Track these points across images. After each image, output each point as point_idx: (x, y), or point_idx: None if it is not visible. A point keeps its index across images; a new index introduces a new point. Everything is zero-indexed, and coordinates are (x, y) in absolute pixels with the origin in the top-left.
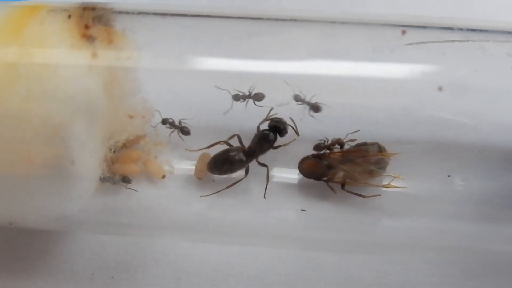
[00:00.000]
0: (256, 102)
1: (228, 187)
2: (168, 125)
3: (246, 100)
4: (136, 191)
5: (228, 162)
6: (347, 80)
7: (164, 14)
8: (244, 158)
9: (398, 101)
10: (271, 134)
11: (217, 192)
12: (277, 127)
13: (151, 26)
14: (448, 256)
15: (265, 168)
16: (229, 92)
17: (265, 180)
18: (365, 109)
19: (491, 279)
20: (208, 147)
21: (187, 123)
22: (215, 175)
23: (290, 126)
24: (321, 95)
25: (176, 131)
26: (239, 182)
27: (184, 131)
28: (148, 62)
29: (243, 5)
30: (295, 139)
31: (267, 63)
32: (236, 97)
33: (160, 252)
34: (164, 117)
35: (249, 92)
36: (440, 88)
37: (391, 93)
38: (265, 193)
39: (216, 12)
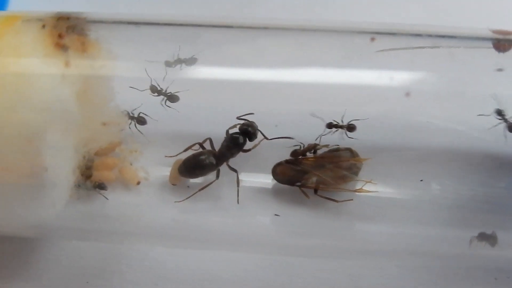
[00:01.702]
0: (168, 102)
1: (200, 190)
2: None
3: (163, 98)
4: (107, 198)
5: (199, 165)
6: (318, 87)
7: (137, 23)
8: (214, 162)
9: (368, 107)
10: (241, 138)
11: (190, 196)
12: (247, 131)
13: (125, 35)
14: (421, 260)
15: (235, 174)
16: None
17: (239, 187)
18: (337, 116)
19: (465, 284)
20: (184, 151)
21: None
22: (190, 181)
23: (260, 131)
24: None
25: (133, 122)
26: (214, 187)
27: (140, 121)
28: (122, 70)
29: (216, 14)
30: (263, 139)
31: (240, 71)
32: (153, 89)
33: (135, 258)
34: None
35: (164, 90)
36: (407, 94)
37: (361, 100)
38: (238, 199)
39: (189, 20)
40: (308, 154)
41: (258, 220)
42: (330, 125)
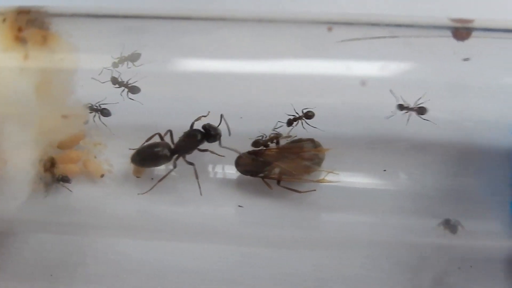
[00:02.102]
0: (130, 94)
1: (159, 181)
2: (88, 110)
3: (123, 88)
4: (71, 191)
5: (152, 156)
6: (276, 78)
7: (98, 16)
8: (168, 154)
9: (326, 97)
10: (199, 136)
11: (151, 188)
12: (208, 132)
13: (86, 27)
14: (385, 250)
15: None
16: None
17: (201, 178)
18: (296, 106)
19: (427, 272)
20: (145, 141)
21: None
22: (154, 173)
23: (226, 125)
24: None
25: (97, 114)
26: (179, 179)
27: (104, 113)
28: (83, 63)
29: (174, 6)
30: (224, 156)
31: (198, 62)
32: (114, 80)
33: (99, 250)
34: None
35: (125, 81)
36: (363, 83)
37: (320, 90)
38: (200, 191)
39: (148, 13)
40: (271, 145)
41: (222, 211)
42: (289, 122)
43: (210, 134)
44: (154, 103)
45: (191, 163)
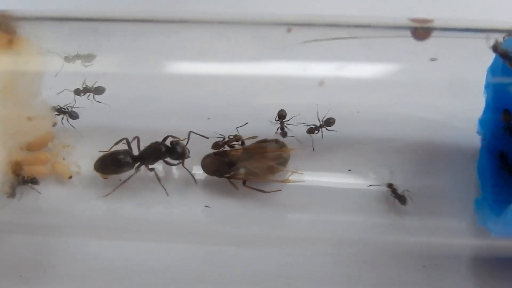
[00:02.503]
0: (95, 96)
1: (121, 183)
2: (56, 112)
3: (87, 94)
4: (39, 193)
5: (114, 164)
6: (236, 79)
7: (64, 19)
8: (130, 162)
9: (288, 98)
10: (164, 150)
11: (113, 190)
12: (174, 149)
13: (52, 30)
14: (350, 248)
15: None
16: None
17: (169, 180)
18: (258, 107)
19: (393, 271)
20: (113, 146)
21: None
22: (122, 174)
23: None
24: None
25: (65, 117)
26: (147, 180)
27: (72, 115)
28: (50, 66)
29: (138, 9)
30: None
31: (162, 64)
32: (77, 92)
33: (68, 251)
34: (52, 106)
35: (89, 86)
36: (321, 83)
37: (280, 90)
38: (166, 192)
39: (113, 15)
40: (236, 145)
41: (189, 211)
42: (311, 130)
43: (175, 151)
44: (123, 105)
45: (151, 169)
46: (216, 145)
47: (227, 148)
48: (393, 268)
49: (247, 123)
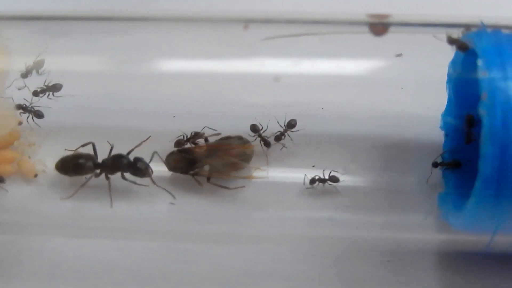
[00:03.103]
0: (54, 93)
1: (81, 186)
2: (21, 110)
3: (46, 93)
4: (7, 191)
5: (75, 167)
6: (192, 76)
7: (27, 18)
8: (91, 167)
9: (246, 94)
10: (125, 164)
11: (74, 193)
12: (135, 165)
13: (16, 29)
14: (314, 244)
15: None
16: (29, 89)
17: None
18: (218, 104)
19: (358, 266)
20: (82, 146)
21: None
22: None
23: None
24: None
25: (30, 116)
26: (112, 179)
27: (37, 114)
28: (13, 64)
29: (98, 7)
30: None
31: (123, 62)
32: (36, 93)
33: (34, 249)
34: (17, 103)
35: (45, 85)
36: (277, 79)
37: (237, 87)
38: (111, 203)
39: (78, 14)
40: (200, 142)
41: (154, 208)
42: (278, 138)
43: (136, 167)
44: (89, 103)
45: (107, 178)
46: (178, 143)
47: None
48: (359, 263)
49: (220, 133)
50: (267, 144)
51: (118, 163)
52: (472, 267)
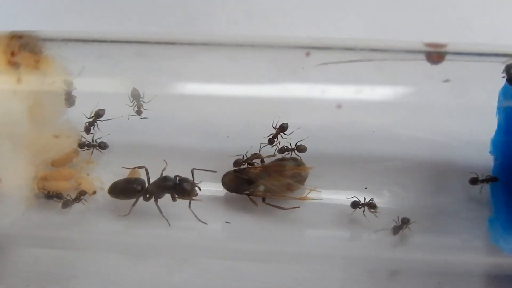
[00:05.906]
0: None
1: (133, 205)
2: (86, 148)
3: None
4: (89, 207)
5: (125, 192)
6: (253, 101)
7: (87, 41)
8: (140, 190)
9: (306, 119)
10: (170, 185)
11: (128, 212)
12: (182, 185)
13: (77, 51)
14: (366, 264)
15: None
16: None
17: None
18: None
19: (407, 287)
20: (137, 167)
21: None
22: None
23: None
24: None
25: (95, 149)
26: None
27: (101, 146)
28: (75, 85)
29: (161, 31)
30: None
31: (184, 86)
32: (87, 130)
33: (90, 264)
34: (79, 142)
35: (92, 117)
36: (339, 106)
37: (296, 112)
38: (168, 222)
39: (132, 37)
40: (256, 163)
41: (209, 227)
42: (281, 150)
43: (182, 188)
44: (145, 122)
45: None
46: (237, 163)
47: (247, 165)
48: (410, 285)
49: (275, 155)
50: (271, 141)
51: (164, 186)
52: None
